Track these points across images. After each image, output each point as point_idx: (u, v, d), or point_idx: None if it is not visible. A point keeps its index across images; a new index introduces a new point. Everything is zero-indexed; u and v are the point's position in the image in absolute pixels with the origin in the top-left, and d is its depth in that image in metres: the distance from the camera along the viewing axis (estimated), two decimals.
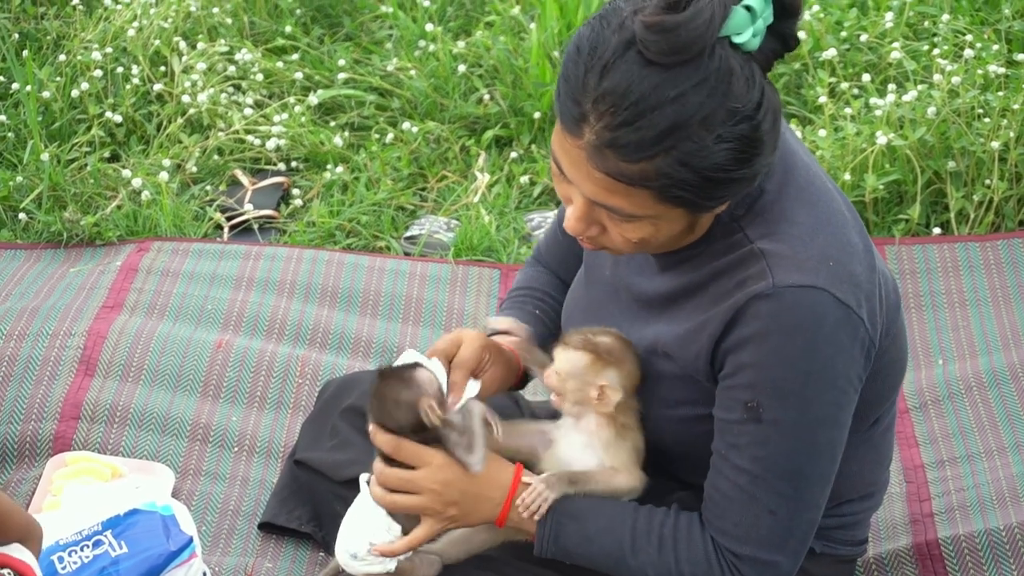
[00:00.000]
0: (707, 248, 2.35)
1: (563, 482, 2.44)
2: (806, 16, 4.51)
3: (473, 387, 2.49)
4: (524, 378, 2.65)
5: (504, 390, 2.63)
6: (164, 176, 4.27)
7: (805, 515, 2.37)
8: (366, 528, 2.48)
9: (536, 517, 2.43)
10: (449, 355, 2.50)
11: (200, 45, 4.76)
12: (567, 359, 2.45)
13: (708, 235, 2.35)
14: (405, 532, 2.47)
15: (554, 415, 2.55)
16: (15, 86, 4.61)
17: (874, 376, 2.41)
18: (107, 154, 4.52)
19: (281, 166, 4.52)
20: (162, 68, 4.72)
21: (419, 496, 2.43)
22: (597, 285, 2.59)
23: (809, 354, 2.27)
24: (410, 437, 2.42)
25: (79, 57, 4.66)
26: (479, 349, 2.52)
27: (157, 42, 4.74)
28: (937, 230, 4.01)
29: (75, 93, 4.56)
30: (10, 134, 4.53)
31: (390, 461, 2.45)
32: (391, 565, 2.48)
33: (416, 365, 2.44)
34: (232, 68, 4.73)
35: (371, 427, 2.46)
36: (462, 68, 4.73)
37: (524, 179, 4.41)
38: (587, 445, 2.47)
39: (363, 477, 2.54)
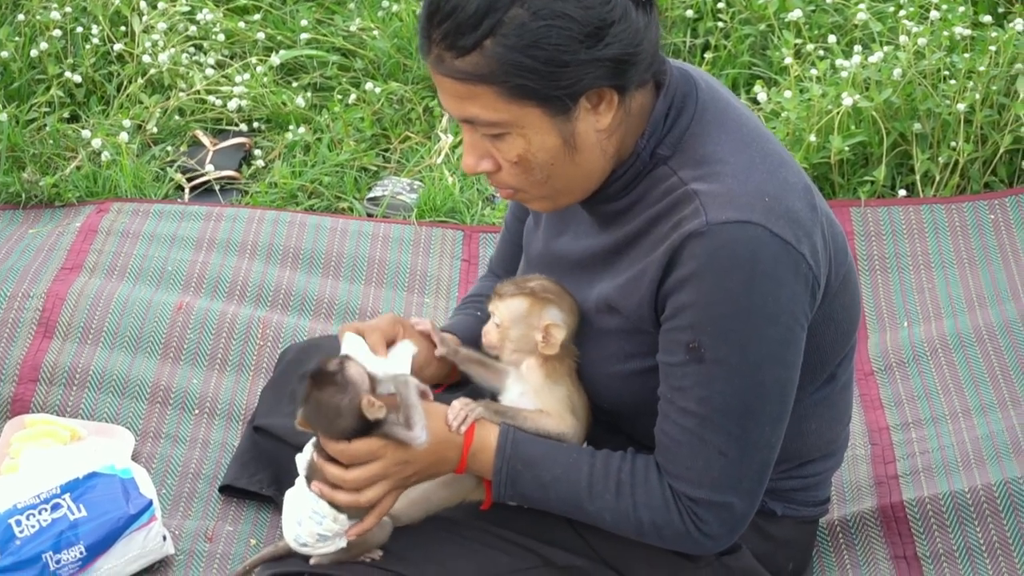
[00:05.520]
0: (644, 197, 2.36)
1: (490, 409, 2.45)
2: None
3: (405, 347, 2.47)
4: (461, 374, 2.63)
5: (439, 377, 2.62)
6: (124, 137, 4.24)
7: (756, 455, 2.35)
8: (311, 520, 2.46)
9: (463, 428, 2.42)
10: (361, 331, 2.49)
11: (161, 5, 4.72)
12: (506, 307, 2.47)
13: (640, 183, 2.36)
14: (351, 516, 2.45)
15: None
16: None
17: (826, 321, 2.41)
18: (67, 114, 4.48)
19: (243, 127, 4.49)
20: (122, 28, 4.68)
21: (385, 481, 2.42)
22: (530, 266, 2.61)
23: (747, 290, 2.26)
24: (354, 436, 2.39)
25: (38, 16, 4.62)
26: (389, 319, 2.53)
27: (117, 1, 4.69)
28: (902, 192, 4.00)
29: (34, 53, 4.52)
30: None
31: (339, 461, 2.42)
32: (342, 543, 2.47)
33: (344, 360, 2.39)
34: (193, 28, 4.69)
35: (317, 441, 2.43)
36: None
37: None
38: (522, 394, 2.49)
39: (299, 460, 2.51)
